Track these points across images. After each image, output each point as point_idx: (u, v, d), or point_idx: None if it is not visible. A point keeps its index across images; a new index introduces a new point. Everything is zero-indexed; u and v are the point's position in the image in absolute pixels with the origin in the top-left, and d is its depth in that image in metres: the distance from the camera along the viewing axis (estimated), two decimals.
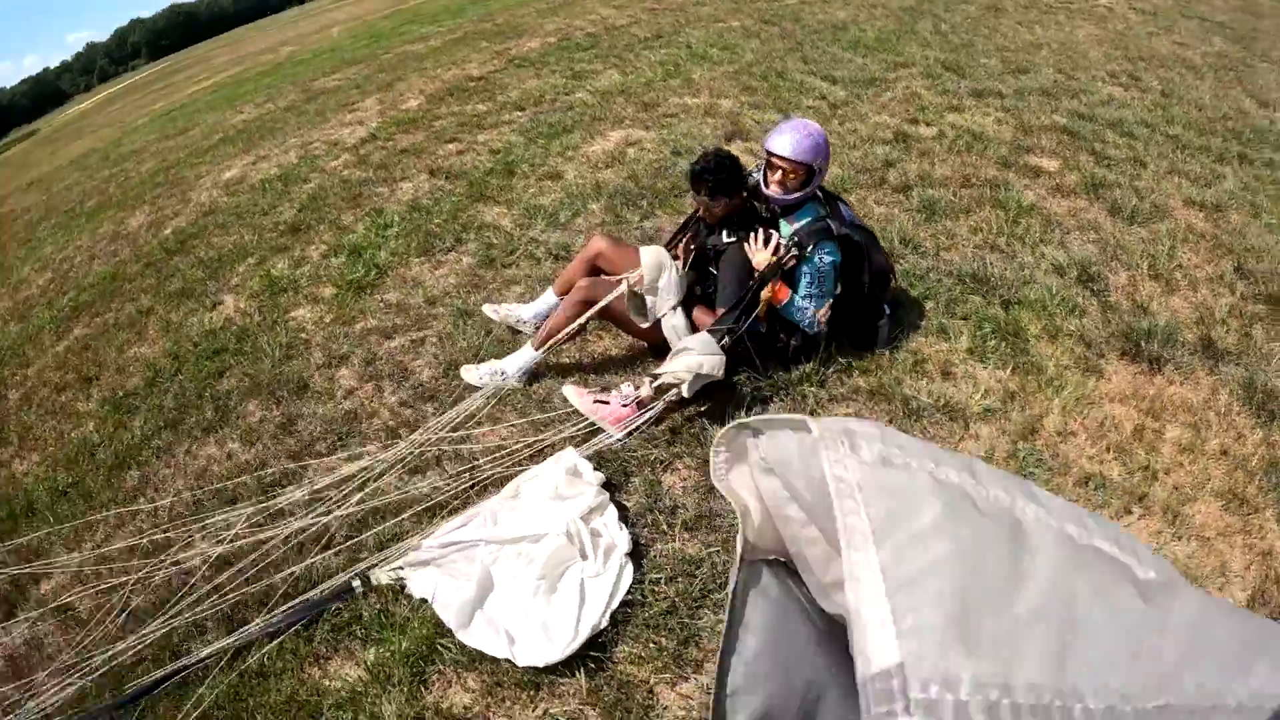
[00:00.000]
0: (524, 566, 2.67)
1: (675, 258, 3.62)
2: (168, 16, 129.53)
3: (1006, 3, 10.59)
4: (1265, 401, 3.29)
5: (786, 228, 3.43)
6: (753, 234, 3.37)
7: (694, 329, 3.44)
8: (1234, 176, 5.32)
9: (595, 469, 3.00)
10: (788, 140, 3.27)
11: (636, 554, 2.73)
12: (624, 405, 3.24)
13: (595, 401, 3.27)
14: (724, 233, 3.49)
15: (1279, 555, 2.69)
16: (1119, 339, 3.67)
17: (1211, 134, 6.12)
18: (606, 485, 2.97)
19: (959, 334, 3.71)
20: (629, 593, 2.59)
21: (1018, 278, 4.09)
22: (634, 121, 6.89)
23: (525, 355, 3.56)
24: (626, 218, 5.06)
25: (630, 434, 3.21)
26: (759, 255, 3.32)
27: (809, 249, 3.29)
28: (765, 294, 3.27)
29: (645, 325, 3.48)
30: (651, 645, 2.45)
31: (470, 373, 3.63)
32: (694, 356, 3.09)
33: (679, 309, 3.47)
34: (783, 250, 3.29)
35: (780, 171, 3.35)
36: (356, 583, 2.73)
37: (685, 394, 3.09)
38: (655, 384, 3.16)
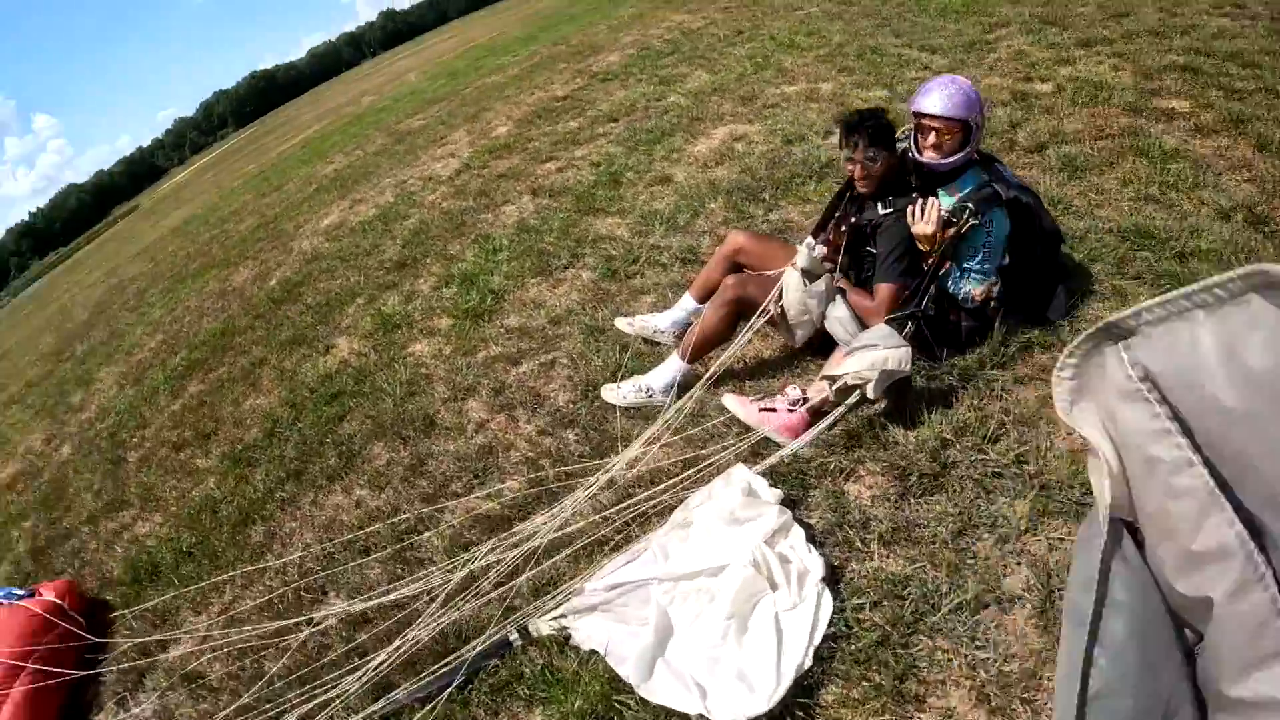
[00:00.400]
0: (707, 605, 2.28)
1: (827, 243, 3.22)
2: (248, 84, 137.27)
3: None
4: None
5: (947, 199, 2.99)
6: (912, 204, 2.94)
7: (857, 317, 3.02)
8: None
9: (771, 485, 2.58)
10: (937, 98, 2.89)
11: (832, 578, 2.31)
12: (791, 411, 2.84)
13: (761, 410, 2.87)
14: (879, 205, 3.08)
15: None
16: None
17: None
18: (786, 503, 2.54)
19: (1138, 294, 3.20)
20: (830, 624, 2.17)
21: (1183, 228, 3.56)
22: (735, 117, 6.57)
23: (672, 367, 3.21)
24: (750, 212, 4.70)
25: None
26: (920, 227, 2.90)
27: (982, 218, 2.88)
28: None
29: (809, 338, 3.12)
30: (865, 684, 2.03)
31: (611, 393, 3.29)
32: (878, 352, 2.63)
33: (838, 297, 3.05)
34: (954, 219, 2.89)
35: (934, 134, 2.95)
36: (514, 635, 2.38)
37: (871, 395, 2.64)
38: (835, 386, 2.73)
